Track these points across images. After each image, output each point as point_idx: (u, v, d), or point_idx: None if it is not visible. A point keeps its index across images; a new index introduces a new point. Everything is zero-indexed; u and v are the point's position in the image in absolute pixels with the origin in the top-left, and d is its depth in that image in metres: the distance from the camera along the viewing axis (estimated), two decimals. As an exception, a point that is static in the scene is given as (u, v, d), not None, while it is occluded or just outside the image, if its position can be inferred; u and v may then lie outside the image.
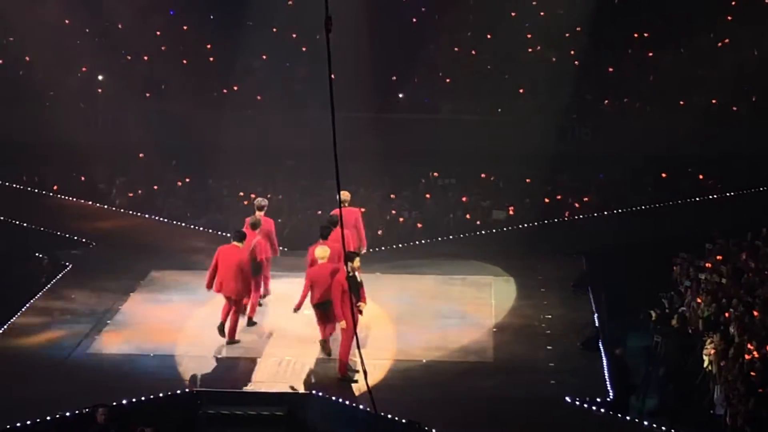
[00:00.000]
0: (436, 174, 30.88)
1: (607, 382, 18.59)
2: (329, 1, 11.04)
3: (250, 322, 20.70)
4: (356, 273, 18.79)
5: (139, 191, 29.96)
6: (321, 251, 19.21)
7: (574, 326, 20.83)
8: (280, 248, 22.32)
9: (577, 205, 29.07)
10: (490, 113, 32.69)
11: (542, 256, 24.54)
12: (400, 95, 33.47)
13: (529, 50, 33.89)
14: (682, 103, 32.65)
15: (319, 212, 26.82)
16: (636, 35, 34.10)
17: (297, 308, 19.35)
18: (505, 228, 27.16)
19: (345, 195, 21.06)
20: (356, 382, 18.46)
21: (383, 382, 18.39)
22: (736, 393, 18.04)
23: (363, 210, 25.21)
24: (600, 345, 19.97)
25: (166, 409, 17.94)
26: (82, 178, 30.67)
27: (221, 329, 19.88)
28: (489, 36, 34.24)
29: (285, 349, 19.75)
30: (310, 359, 19.39)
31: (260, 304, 21.18)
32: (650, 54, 33.63)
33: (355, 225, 21.34)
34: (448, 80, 33.71)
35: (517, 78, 33.16)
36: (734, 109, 32.36)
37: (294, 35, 33.76)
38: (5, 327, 20.75)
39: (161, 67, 33.84)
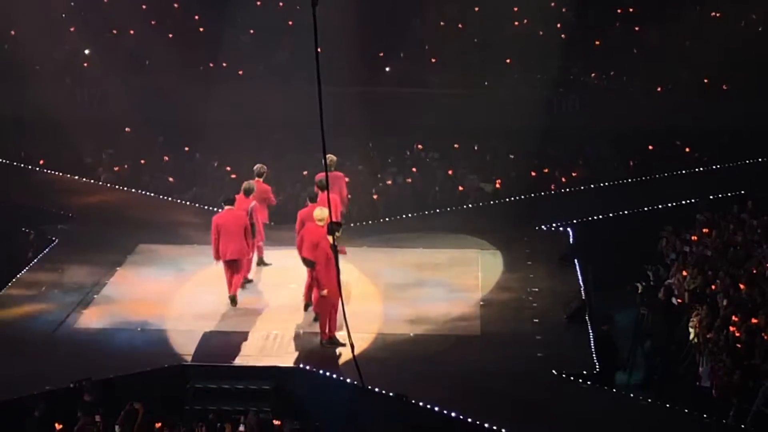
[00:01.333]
0: (420, 146, 30.84)
1: (594, 355, 18.64)
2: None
3: (247, 281, 21.02)
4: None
5: (126, 166, 29.90)
6: (319, 212, 19.23)
7: (561, 299, 20.86)
8: (269, 222, 22.37)
9: (563, 178, 29.07)
10: (477, 87, 32.66)
11: (529, 230, 24.55)
12: (387, 69, 33.42)
13: (516, 24, 33.87)
14: (668, 76, 32.65)
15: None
16: (622, 9, 34.09)
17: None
18: (492, 201, 27.17)
19: (331, 158, 21.20)
20: (343, 345, 18.50)
21: (370, 355, 18.39)
22: (722, 365, 18.12)
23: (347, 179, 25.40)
24: (587, 318, 20.02)
25: (154, 383, 17.96)
26: (69, 153, 30.56)
27: (233, 300, 20.27)
28: (476, 9, 34.19)
29: (272, 323, 19.78)
30: (297, 333, 19.42)
31: (249, 281, 21.28)
32: (636, 29, 33.64)
33: (339, 189, 21.54)
34: (434, 54, 33.67)
35: (504, 51, 33.11)
36: (721, 82, 32.36)
37: (280, 8, 33.69)
38: (-8, 302, 20.77)
39: (147, 42, 33.72)
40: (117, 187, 28.02)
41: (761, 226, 23.74)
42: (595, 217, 25.40)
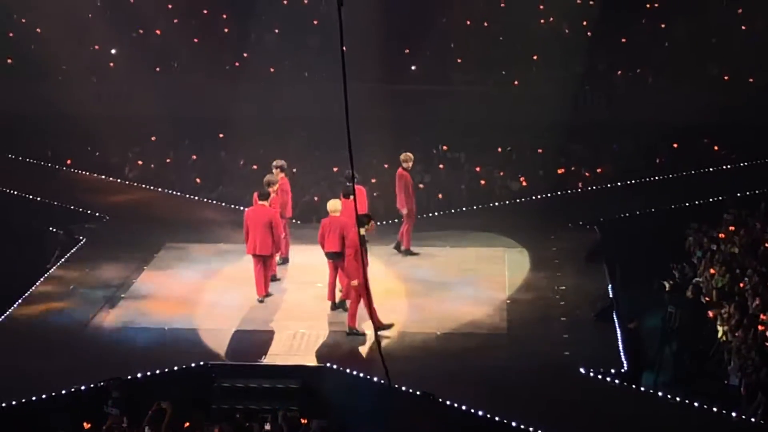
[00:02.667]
0: (445, 147, 30.77)
1: (621, 353, 18.58)
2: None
3: (273, 279, 21.07)
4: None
5: (152, 165, 29.98)
6: (332, 204, 19.76)
7: (588, 297, 20.80)
8: (294, 221, 22.36)
9: (590, 176, 29.00)
10: (503, 84, 32.61)
11: (556, 228, 24.50)
12: (413, 67, 33.39)
13: (542, 21, 33.79)
14: (695, 72, 32.49)
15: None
16: (648, 5, 33.95)
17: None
18: (519, 199, 27.13)
19: (408, 156, 22.33)
20: (363, 335, 18.83)
21: (397, 353, 18.35)
22: (750, 363, 18.04)
23: (374, 180, 25.53)
24: (614, 316, 19.95)
25: (181, 382, 17.98)
26: (96, 153, 30.70)
27: (261, 300, 20.50)
28: (502, 5, 34.11)
29: (299, 321, 19.78)
30: (324, 332, 19.44)
31: (276, 279, 21.29)
32: (662, 26, 33.51)
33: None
34: (460, 51, 33.61)
35: (530, 49, 33.04)
36: (748, 78, 32.18)
37: (305, 6, 33.72)
38: (20, 301, 20.82)
39: (173, 41, 33.80)
40: (144, 186, 28.09)
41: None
42: (623, 215, 25.32)
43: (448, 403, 17.00)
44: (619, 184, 27.96)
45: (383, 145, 28.51)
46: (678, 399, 17.46)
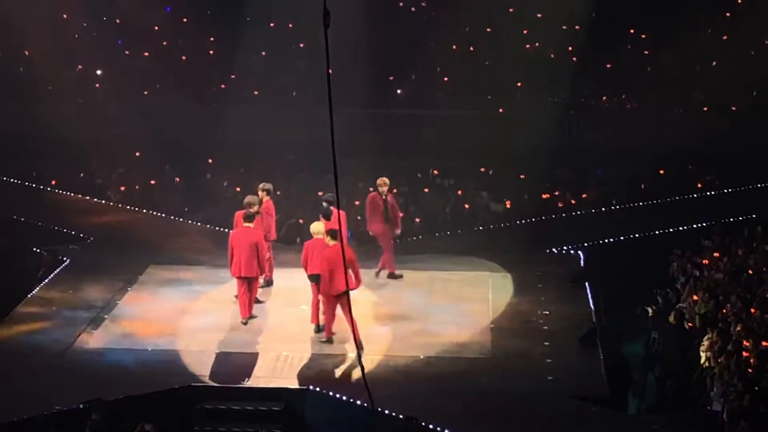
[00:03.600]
0: (435, 172, 30.83)
1: (605, 378, 18.59)
2: (327, -3, 11.06)
3: (257, 301, 21.08)
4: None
5: (137, 186, 29.97)
6: (315, 226, 19.95)
7: (572, 322, 20.82)
8: (278, 243, 22.32)
9: (574, 200, 29.07)
10: (489, 109, 32.69)
11: (540, 252, 24.55)
12: (399, 91, 33.47)
13: (527, 46, 33.92)
14: (680, 99, 32.63)
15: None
16: (633, 31, 34.09)
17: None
18: (503, 223, 27.16)
19: (382, 180, 22.38)
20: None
21: (381, 377, 18.35)
22: (733, 389, 18.06)
23: (357, 202, 25.50)
24: (597, 341, 19.97)
25: (164, 404, 17.92)
26: (81, 174, 30.67)
27: (245, 323, 20.45)
28: (488, 30, 34.23)
29: (283, 344, 19.76)
30: (307, 354, 19.42)
31: (259, 301, 21.28)
32: (646, 53, 33.64)
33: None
34: (446, 76, 33.70)
35: (516, 74, 33.15)
36: (733, 105, 32.32)
37: (291, 30, 33.78)
38: (2, 321, 20.73)
39: (160, 62, 33.82)
40: (128, 207, 28.07)
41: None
42: (606, 240, 25.38)
43: (431, 426, 16.97)
44: (603, 209, 28.04)
45: (369, 168, 28.56)
46: (661, 424, 17.46)
